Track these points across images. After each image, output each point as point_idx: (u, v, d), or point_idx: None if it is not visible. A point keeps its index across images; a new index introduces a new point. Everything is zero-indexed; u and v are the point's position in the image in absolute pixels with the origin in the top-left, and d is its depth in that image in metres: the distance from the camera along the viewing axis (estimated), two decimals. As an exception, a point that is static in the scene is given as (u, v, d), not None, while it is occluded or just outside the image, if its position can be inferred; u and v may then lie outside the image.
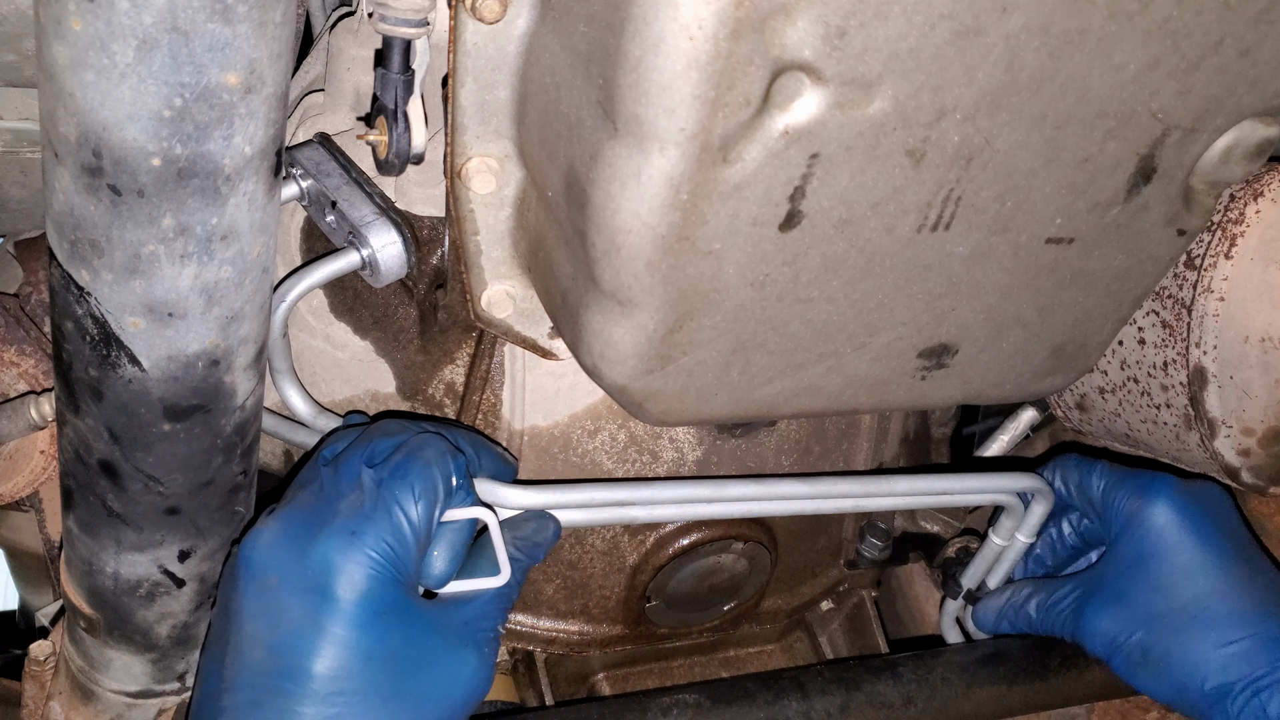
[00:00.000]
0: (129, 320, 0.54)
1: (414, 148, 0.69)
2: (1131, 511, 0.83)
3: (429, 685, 0.63)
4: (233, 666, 0.61)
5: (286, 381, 0.77)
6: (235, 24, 0.46)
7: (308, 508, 0.64)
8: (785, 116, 0.55)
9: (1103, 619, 0.82)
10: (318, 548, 0.62)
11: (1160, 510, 0.81)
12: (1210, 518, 0.81)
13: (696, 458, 0.87)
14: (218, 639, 0.64)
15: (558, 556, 0.89)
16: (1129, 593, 0.81)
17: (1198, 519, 0.81)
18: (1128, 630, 0.80)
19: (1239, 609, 0.77)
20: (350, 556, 0.62)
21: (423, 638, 0.64)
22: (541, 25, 0.61)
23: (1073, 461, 0.88)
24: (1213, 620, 0.77)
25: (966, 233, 0.65)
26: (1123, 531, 0.83)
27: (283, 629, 0.61)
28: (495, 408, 0.83)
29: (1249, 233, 0.81)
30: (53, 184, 0.52)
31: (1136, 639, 0.80)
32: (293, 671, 0.60)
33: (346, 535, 0.62)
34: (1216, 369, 0.82)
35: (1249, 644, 0.76)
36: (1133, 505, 0.83)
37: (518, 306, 0.75)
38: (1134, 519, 0.82)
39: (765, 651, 1.05)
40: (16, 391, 0.86)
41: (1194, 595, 0.79)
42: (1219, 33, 0.59)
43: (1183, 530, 0.81)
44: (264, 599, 0.62)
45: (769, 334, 0.67)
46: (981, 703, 0.86)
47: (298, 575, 0.61)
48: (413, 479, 0.64)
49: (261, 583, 0.62)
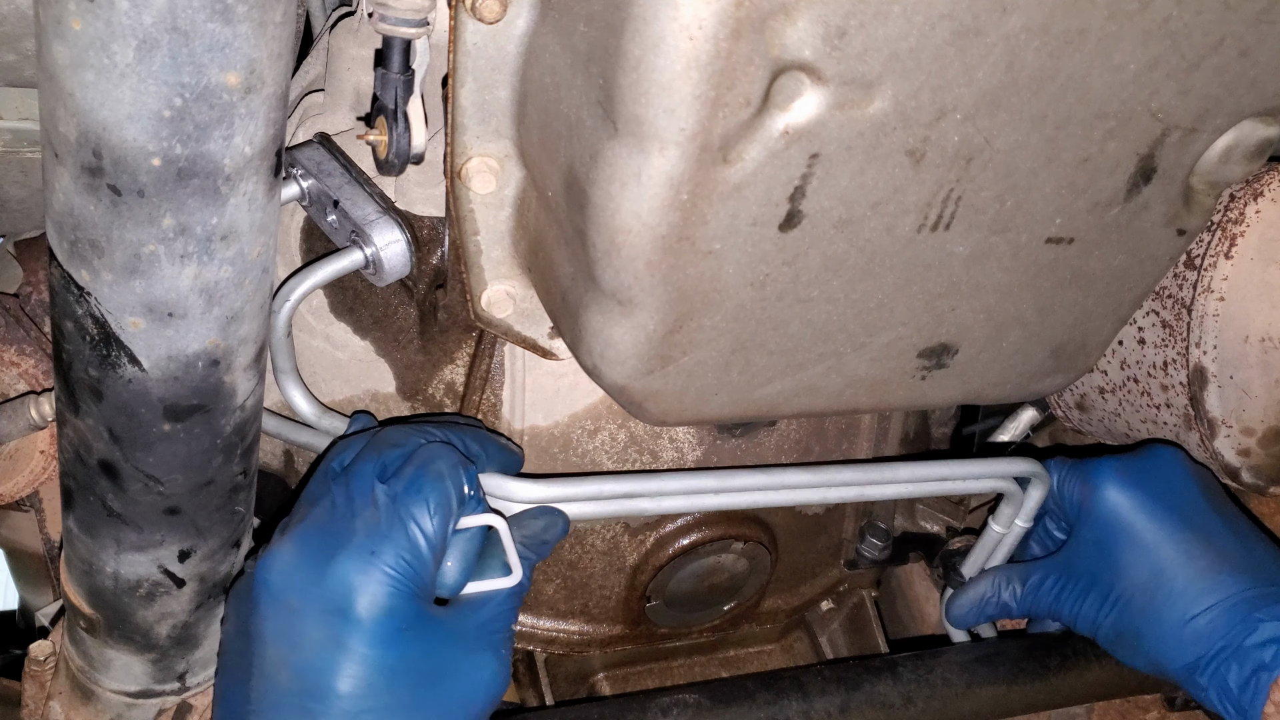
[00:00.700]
0: (129, 320, 0.54)
1: (414, 148, 0.69)
2: (1082, 499, 0.86)
3: (451, 693, 0.64)
4: (258, 689, 0.62)
5: (289, 381, 0.77)
6: (235, 24, 0.46)
7: (323, 526, 0.64)
8: (785, 116, 0.55)
9: (1080, 604, 0.85)
10: (337, 569, 0.62)
11: (1107, 496, 0.84)
12: (1156, 492, 0.84)
13: (696, 457, 0.87)
14: (238, 661, 0.64)
15: (558, 556, 0.89)
16: (1097, 576, 0.84)
17: (1142, 496, 0.83)
18: (1102, 614, 0.84)
19: (1195, 580, 0.80)
20: (370, 576, 0.62)
21: (443, 648, 0.64)
22: (541, 25, 0.61)
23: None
24: (1172, 596, 0.80)
25: (966, 233, 0.65)
26: (1079, 520, 0.86)
27: (307, 651, 0.61)
28: (495, 408, 0.83)
29: (1249, 233, 0.81)
30: (53, 184, 0.52)
31: (1110, 621, 0.83)
32: (319, 692, 0.61)
33: (365, 555, 0.62)
34: (1216, 369, 0.82)
35: (1208, 616, 0.78)
36: (1082, 493, 0.86)
37: (518, 306, 0.75)
38: (1085, 507, 0.85)
39: (765, 651, 1.06)
40: (16, 391, 0.86)
41: (1152, 572, 0.81)
42: (1219, 33, 0.59)
43: (1132, 511, 0.83)
44: (286, 622, 0.62)
45: (769, 334, 0.67)
46: (981, 703, 0.86)
47: (318, 597, 0.62)
48: (427, 493, 0.64)
49: (282, 605, 0.62)
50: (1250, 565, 0.80)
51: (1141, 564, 0.82)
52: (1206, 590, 0.79)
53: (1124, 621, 0.82)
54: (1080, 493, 0.86)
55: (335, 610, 0.62)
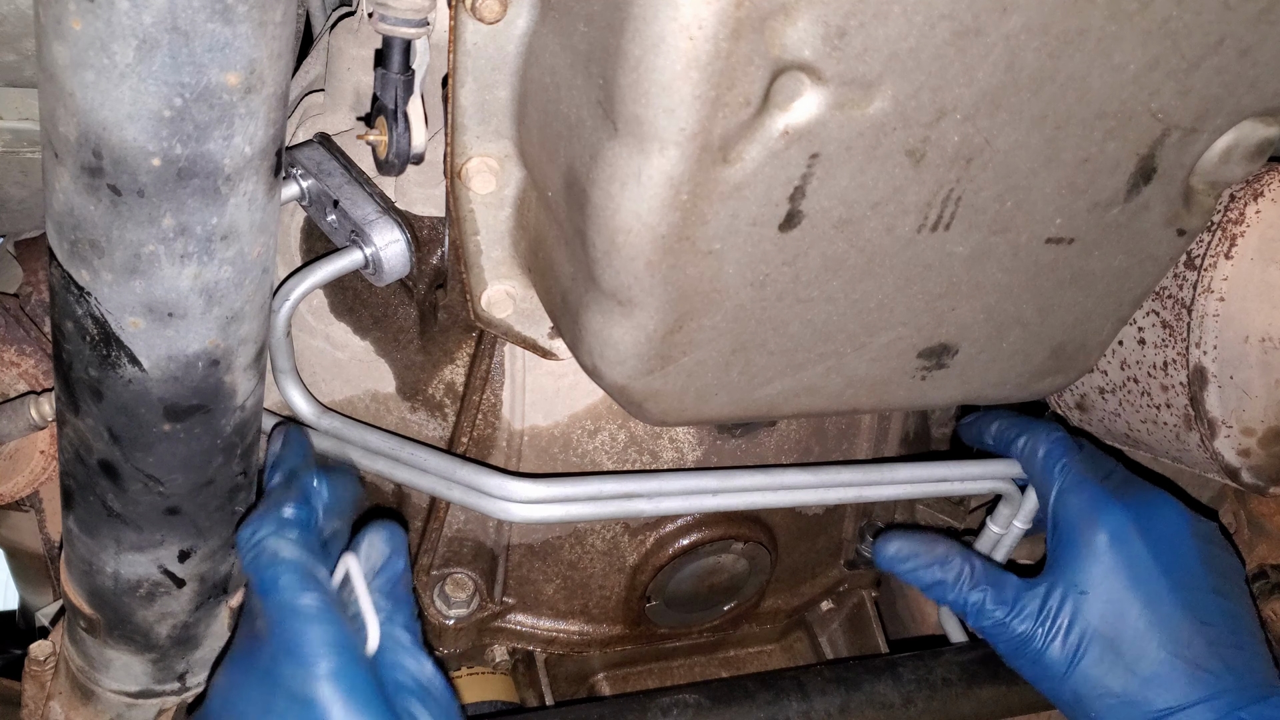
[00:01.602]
0: (129, 320, 0.54)
1: (414, 148, 0.69)
2: (1078, 534, 0.80)
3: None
4: None
5: (289, 381, 0.77)
6: (235, 24, 0.46)
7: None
8: (785, 116, 0.55)
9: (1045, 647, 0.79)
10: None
11: (1106, 548, 0.78)
12: (1158, 558, 0.78)
13: (696, 458, 0.87)
14: None
15: (558, 556, 0.89)
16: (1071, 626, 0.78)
17: (1143, 561, 0.78)
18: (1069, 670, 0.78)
19: (1180, 674, 0.75)
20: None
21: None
22: (541, 25, 0.61)
23: (1042, 447, 0.84)
24: (1150, 684, 0.75)
25: (966, 233, 0.65)
26: (1067, 556, 0.80)
27: None
28: (495, 408, 0.83)
29: (1249, 233, 0.81)
30: (53, 184, 0.52)
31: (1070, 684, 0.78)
32: None
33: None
34: (1216, 369, 0.82)
35: (1185, 714, 0.74)
36: (1080, 527, 0.79)
37: (518, 306, 0.75)
38: (1079, 548, 0.79)
39: (765, 651, 1.05)
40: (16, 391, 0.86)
41: (1136, 648, 0.76)
42: (1219, 33, 0.59)
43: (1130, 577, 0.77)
44: None
45: (769, 334, 0.67)
46: (981, 703, 0.86)
47: None
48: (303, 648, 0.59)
49: None
50: (1238, 664, 0.75)
51: (1126, 634, 0.76)
52: (1191, 685, 0.74)
53: (1085, 687, 0.77)
54: (1078, 526, 0.80)
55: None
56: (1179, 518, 0.81)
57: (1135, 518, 0.79)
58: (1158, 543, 0.79)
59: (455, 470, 0.76)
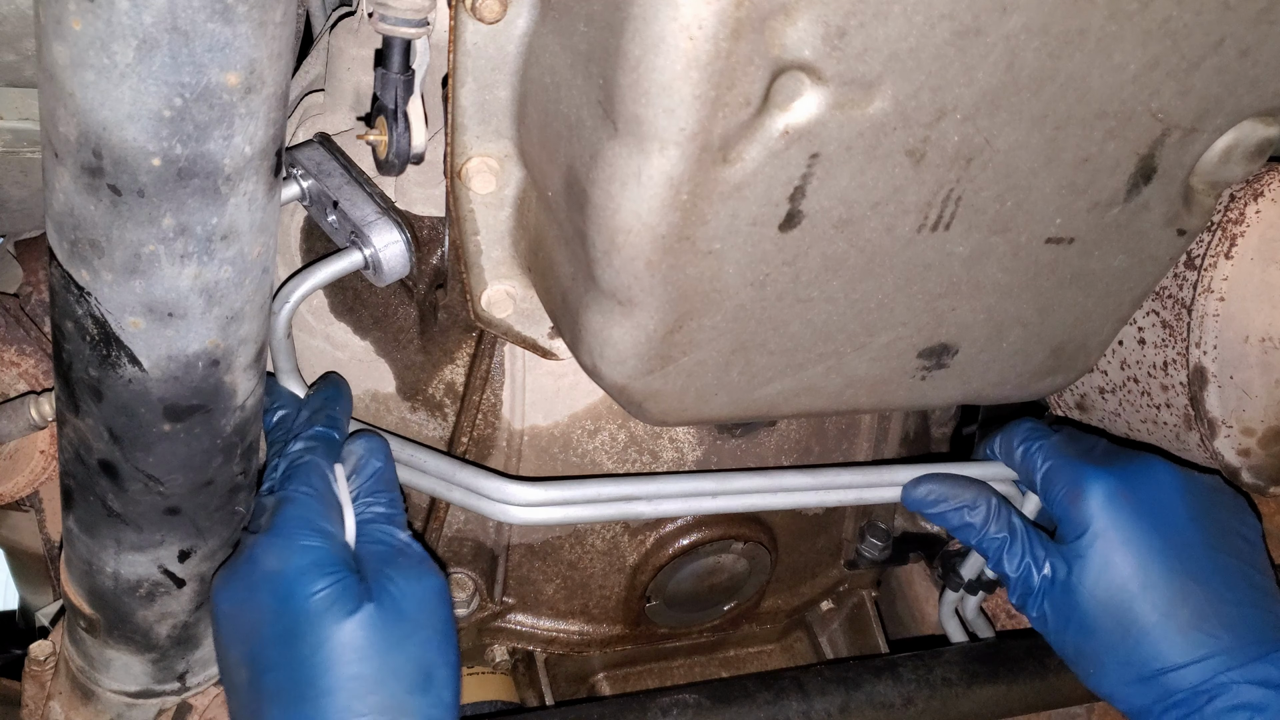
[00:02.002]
0: (129, 320, 0.54)
1: (414, 148, 0.69)
2: (1067, 505, 0.81)
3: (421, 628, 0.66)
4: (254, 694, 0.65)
5: (290, 382, 0.77)
6: (235, 24, 0.46)
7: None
8: (785, 116, 0.55)
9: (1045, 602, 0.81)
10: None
11: (1094, 513, 0.79)
12: (1146, 517, 0.79)
13: (696, 458, 0.87)
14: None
15: (558, 556, 0.89)
16: (1072, 588, 0.79)
17: (1131, 520, 0.78)
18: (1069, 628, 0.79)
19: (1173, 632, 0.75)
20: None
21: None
22: (541, 25, 0.61)
23: (1019, 437, 0.85)
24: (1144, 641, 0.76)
25: (966, 233, 0.65)
26: (1063, 527, 0.81)
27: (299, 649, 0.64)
28: (495, 408, 0.83)
29: (1249, 233, 0.81)
30: (53, 184, 0.52)
31: (1073, 640, 0.79)
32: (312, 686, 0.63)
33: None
34: (1216, 369, 0.82)
35: (1179, 673, 0.75)
36: (1068, 499, 0.81)
37: (518, 306, 0.75)
38: (1069, 517, 0.80)
39: (765, 651, 1.06)
40: (16, 391, 0.86)
41: (1127, 608, 0.77)
42: (1219, 33, 0.59)
43: (1119, 538, 0.78)
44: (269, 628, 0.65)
45: (769, 334, 0.67)
46: (981, 703, 0.86)
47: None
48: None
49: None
50: (1234, 621, 0.76)
51: (1119, 596, 0.77)
52: (1184, 645, 0.75)
53: (1086, 645, 0.78)
54: (1066, 498, 0.80)
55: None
56: (1170, 478, 0.81)
57: (1122, 482, 0.80)
58: (1147, 503, 0.79)
59: (455, 472, 0.76)
